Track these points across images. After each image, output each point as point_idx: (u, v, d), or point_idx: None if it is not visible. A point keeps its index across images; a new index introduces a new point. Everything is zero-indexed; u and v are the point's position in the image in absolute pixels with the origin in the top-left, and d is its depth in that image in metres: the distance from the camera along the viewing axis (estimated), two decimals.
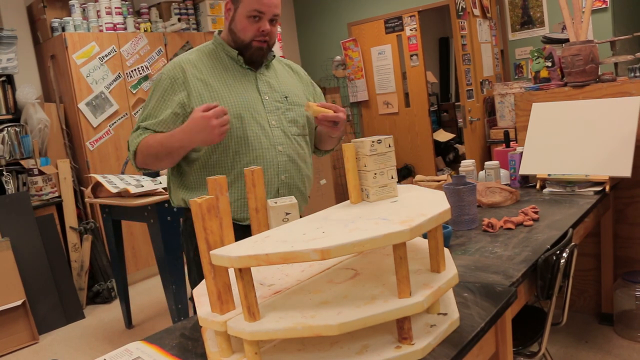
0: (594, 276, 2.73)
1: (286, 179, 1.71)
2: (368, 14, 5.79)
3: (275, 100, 1.72)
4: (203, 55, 1.71)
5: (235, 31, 1.67)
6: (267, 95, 1.71)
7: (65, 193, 4.11)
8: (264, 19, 1.63)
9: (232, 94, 1.66)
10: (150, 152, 1.62)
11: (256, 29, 1.64)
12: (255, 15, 1.62)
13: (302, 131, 1.78)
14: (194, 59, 1.69)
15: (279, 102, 1.73)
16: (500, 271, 1.44)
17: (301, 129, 1.78)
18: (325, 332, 0.90)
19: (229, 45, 1.71)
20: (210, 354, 1.04)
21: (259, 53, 1.68)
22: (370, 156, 1.15)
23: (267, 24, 1.64)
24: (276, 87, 1.75)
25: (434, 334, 1.00)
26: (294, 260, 0.90)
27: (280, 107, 1.73)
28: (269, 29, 1.65)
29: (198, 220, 1.00)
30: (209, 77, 1.66)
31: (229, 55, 1.71)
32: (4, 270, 3.37)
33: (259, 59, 1.70)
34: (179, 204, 1.74)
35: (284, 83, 1.78)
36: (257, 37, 1.65)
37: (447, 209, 1.03)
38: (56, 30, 4.23)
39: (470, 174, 2.29)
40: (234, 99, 1.65)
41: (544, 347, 1.69)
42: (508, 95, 4.37)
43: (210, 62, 1.69)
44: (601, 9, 4.35)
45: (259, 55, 1.69)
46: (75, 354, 3.25)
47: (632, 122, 2.22)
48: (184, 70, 1.65)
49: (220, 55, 1.72)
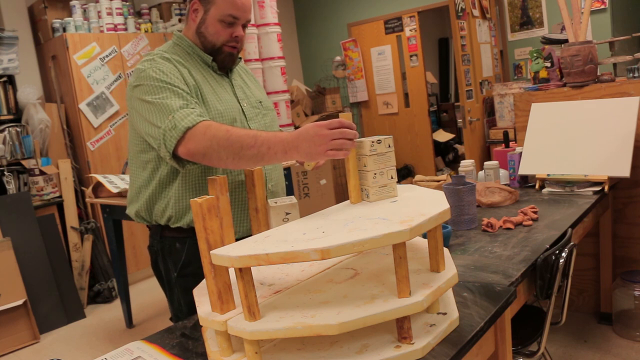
0: (593, 276, 2.74)
1: (273, 187, 1.64)
2: (368, 15, 5.80)
3: (252, 106, 1.64)
4: (182, 54, 1.55)
5: (205, 34, 1.55)
6: (245, 101, 1.62)
7: (66, 193, 4.12)
8: (237, 24, 1.55)
9: (220, 102, 1.54)
10: (232, 142, 1.28)
11: (229, 34, 1.54)
12: (230, 21, 1.53)
13: None
14: (175, 60, 1.51)
15: (255, 107, 1.64)
16: (499, 271, 1.44)
17: None
18: (325, 332, 0.91)
19: (201, 49, 1.58)
20: (210, 354, 1.05)
21: (229, 59, 1.59)
22: (370, 156, 1.16)
23: (241, 29, 1.56)
24: (248, 92, 1.66)
25: (433, 333, 1.00)
26: (294, 260, 0.90)
27: (258, 112, 1.64)
28: (242, 35, 1.57)
29: (198, 220, 1.00)
30: (194, 81, 1.51)
31: (203, 60, 1.58)
32: (5, 270, 3.38)
33: (229, 65, 1.61)
34: (156, 219, 1.58)
35: (253, 88, 1.71)
36: (229, 43, 1.56)
37: (446, 208, 1.03)
38: (57, 30, 4.24)
39: (470, 174, 2.30)
40: (223, 107, 1.54)
41: (543, 347, 1.69)
42: (507, 96, 4.37)
43: (192, 64, 1.55)
44: (600, 9, 4.35)
45: (230, 61, 1.59)
46: (76, 353, 3.25)
47: (630, 122, 2.23)
48: (174, 65, 1.49)
49: (194, 58, 1.58)
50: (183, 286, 1.60)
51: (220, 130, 1.32)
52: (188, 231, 1.56)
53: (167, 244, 1.59)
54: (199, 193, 1.52)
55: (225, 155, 1.31)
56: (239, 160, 1.31)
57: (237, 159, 1.30)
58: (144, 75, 1.45)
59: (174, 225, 1.56)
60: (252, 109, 1.62)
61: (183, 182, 1.52)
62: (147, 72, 1.45)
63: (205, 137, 1.32)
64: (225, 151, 1.30)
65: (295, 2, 6.37)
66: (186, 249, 1.59)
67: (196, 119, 1.35)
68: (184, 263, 1.59)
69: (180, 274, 1.60)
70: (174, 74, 1.46)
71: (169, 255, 1.60)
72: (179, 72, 1.48)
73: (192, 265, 1.58)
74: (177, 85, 1.44)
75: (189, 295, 1.56)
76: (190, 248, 1.58)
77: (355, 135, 1.16)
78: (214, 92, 1.54)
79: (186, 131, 1.34)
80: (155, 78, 1.44)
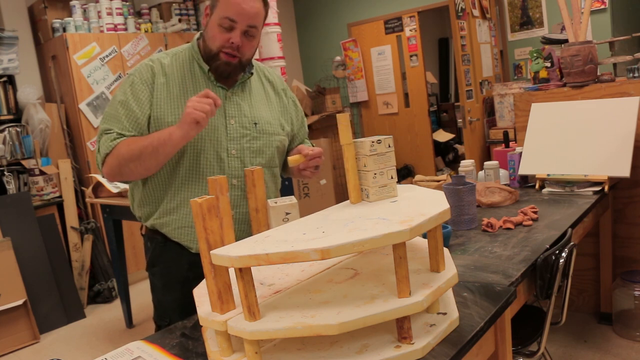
0: (593, 276, 2.74)
1: (237, 214, 1.55)
2: (368, 15, 5.80)
3: (242, 126, 1.54)
4: (176, 62, 1.54)
5: (205, 39, 1.51)
6: (234, 119, 1.54)
7: (66, 193, 4.12)
8: (236, 29, 1.45)
9: None
10: (132, 154, 1.42)
11: (225, 39, 1.45)
12: (227, 25, 1.44)
13: (269, 163, 1.61)
14: (167, 64, 1.53)
15: (246, 128, 1.55)
16: (499, 271, 1.44)
17: (267, 160, 1.60)
18: (325, 332, 0.91)
19: (202, 56, 1.54)
20: (210, 354, 1.05)
21: (225, 68, 1.49)
22: (370, 156, 1.16)
23: (239, 35, 1.45)
24: (246, 111, 1.56)
25: (433, 333, 1.00)
26: (294, 260, 0.90)
27: (247, 134, 1.55)
28: (238, 42, 1.45)
29: (198, 220, 1.00)
30: (175, 90, 1.51)
31: (201, 69, 1.54)
32: (5, 270, 3.38)
33: (225, 74, 1.51)
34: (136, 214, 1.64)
35: (258, 107, 1.60)
36: (225, 49, 1.46)
37: (446, 208, 1.03)
38: (57, 30, 4.24)
39: (470, 174, 2.30)
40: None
41: (543, 347, 1.69)
42: (507, 96, 4.37)
43: (181, 73, 1.53)
44: (600, 9, 4.35)
45: (226, 71, 1.50)
46: (76, 353, 3.25)
47: (630, 122, 2.23)
48: (153, 75, 1.51)
49: (193, 66, 1.54)
50: (152, 283, 1.67)
51: (123, 146, 1.44)
52: (155, 232, 1.61)
53: (145, 240, 1.67)
54: (160, 199, 1.57)
55: (133, 166, 1.43)
56: (144, 163, 1.43)
57: (142, 163, 1.42)
58: (124, 79, 1.55)
59: (144, 223, 1.64)
60: (239, 129, 1.54)
61: (149, 185, 1.57)
62: (125, 80, 1.54)
63: (114, 158, 1.45)
64: (132, 162, 1.43)
65: (295, 2, 6.37)
66: (152, 248, 1.64)
67: (111, 145, 1.46)
68: (150, 262, 1.66)
69: (149, 272, 1.67)
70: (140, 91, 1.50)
71: (145, 252, 1.68)
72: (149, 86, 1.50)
73: (158, 266, 1.64)
74: (131, 106, 1.49)
75: (156, 292, 1.66)
76: (156, 249, 1.62)
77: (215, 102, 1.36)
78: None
79: (105, 157, 1.48)
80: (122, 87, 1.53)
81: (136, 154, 1.42)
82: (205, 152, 1.51)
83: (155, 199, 1.57)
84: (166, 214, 1.55)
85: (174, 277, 1.59)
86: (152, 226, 1.59)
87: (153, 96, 1.49)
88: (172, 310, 1.58)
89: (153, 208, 1.58)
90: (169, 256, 1.60)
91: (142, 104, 1.49)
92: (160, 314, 1.65)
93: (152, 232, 1.62)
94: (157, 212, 1.57)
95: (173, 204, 1.54)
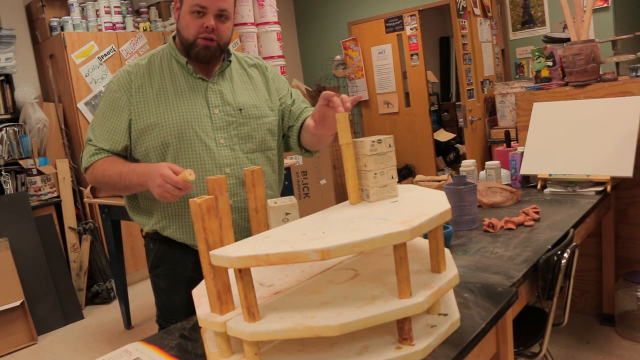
0: (595, 277, 2.73)
1: (235, 202, 1.55)
2: (368, 14, 5.79)
3: (226, 114, 1.55)
4: (154, 62, 1.57)
5: (180, 30, 1.53)
6: (218, 108, 1.55)
7: (64, 193, 4.11)
8: (208, 14, 1.48)
9: (173, 111, 1.51)
10: (107, 181, 1.51)
11: (199, 25, 1.48)
12: (198, 11, 1.47)
13: (260, 147, 1.60)
14: (144, 66, 1.56)
15: (231, 116, 1.55)
16: (501, 271, 1.43)
17: (258, 145, 1.60)
18: (325, 333, 0.90)
19: (179, 50, 1.56)
20: (209, 355, 1.04)
21: (205, 52, 1.51)
22: (371, 156, 1.15)
23: (212, 19, 1.48)
24: (229, 98, 1.57)
25: (434, 334, 0.99)
26: (294, 261, 0.89)
27: (233, 122, 1.55)
28: (213, 25, 1.48)
29: (198, 220, 0.99)
30: (153, 90, 1.53)
31: (179, 63, 1.56)
32: (2, 271, 3.36)
33: (206, 60, 1.52)
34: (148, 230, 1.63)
35: (241, 93, 1.60)
36: (201, 34, 1.49)
37: (447, 209, 1.02)
38: (55, 29, 4.22)
39: (471, 174, 2.29)
40: (174, 116, 1.50)
41: (545, 348, 1.68)
42: (509, 95, 4.36)
43: (159, 72, 1.55)
44: (602, 8, 4.34)
45: (206, 55, 1.51)
46: (74, 354, 3.24)
47: (633, 121, 2.22)
48: (130, 80, 1.53)
49: (171, 63, 1.56)
50: (155, 285, 1.66)
51: (100, 169, 1.53)
52: (157, 233, 1.60)
53: (146, 241, 1.65)
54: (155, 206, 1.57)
55: (108, 187, 1.54)
56: (119, 192, 1.56)
57: (115, 189, 1.53)
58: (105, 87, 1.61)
59: (143, 229, 1.64)
60: (224, 117, 1.55)
61: (140, 194, 1.58)
62: (106, 88, 1.60)
63: (92, 176, 1.57)
64: (106, 185, 1.54)
65: (295, 1, 6.36)
66: (155, 250, 1.63)
67: (90, 160, 1.55)
68: (152, 263, 1.65)
69: (152, 273, 1.66)
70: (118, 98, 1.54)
71: (147, 253, 1.67)
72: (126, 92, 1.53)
73: (161, 267, 1.62)
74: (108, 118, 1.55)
75: (159, 294, 1.65)
76: (159, 250, 1.62)
77: (186, 190, 1.36)
78: (167, 101, 1.52)
79: (86, 170, 1.59)
80: (102, 98, 1.59)
81: (110, 181, 1.51)
82: (194, 145, 1.51)
83: (151, 206, 1.58)
84: (166, 218, 1.56)
85: (179, 278, 1.59)
86: (153, 230, 1.59)
87: (131, 101, 1.52)
88: (178, 311, 1.57)
89: (150, 215, 1.59)
90: (172, 257, 1.59)
91: (121, 111, 1.53)
92: (165, 316, 1.62)
93: (154, 232, 1.61)
94: (154, 218, 1.58)
95: (173, 206, 1.55)
